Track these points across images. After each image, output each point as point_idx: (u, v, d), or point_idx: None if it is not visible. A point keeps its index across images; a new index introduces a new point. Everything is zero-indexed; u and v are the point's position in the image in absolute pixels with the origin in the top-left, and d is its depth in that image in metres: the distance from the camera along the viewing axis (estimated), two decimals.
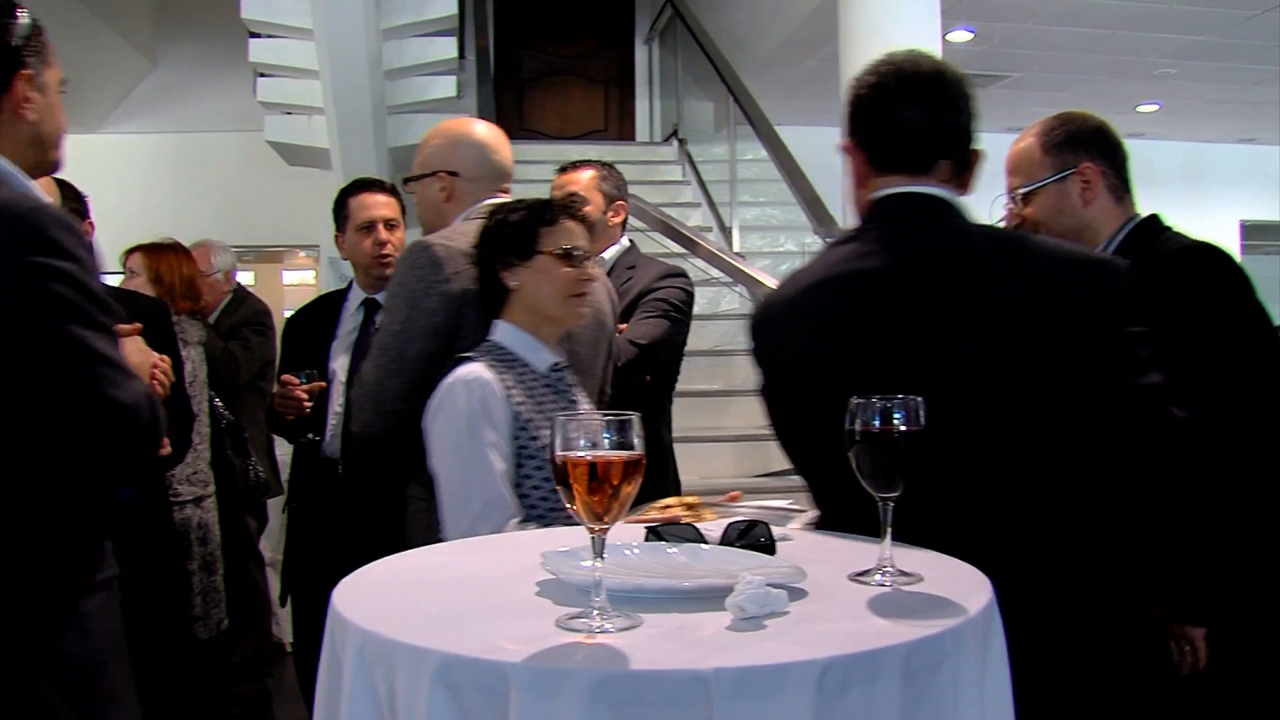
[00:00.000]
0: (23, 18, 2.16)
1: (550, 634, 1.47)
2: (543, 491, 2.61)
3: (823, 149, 8.01)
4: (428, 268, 2.80)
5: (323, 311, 4.22)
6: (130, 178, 10.26)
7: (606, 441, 1.51)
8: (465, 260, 2.80)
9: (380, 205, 3.96)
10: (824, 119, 9.16)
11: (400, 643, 1.44)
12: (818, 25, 8.78)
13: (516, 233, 2.73)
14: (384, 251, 3.98)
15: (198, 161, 10.70)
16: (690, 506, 2.45)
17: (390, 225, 3.96)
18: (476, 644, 1.41)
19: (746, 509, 2.50)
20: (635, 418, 1.53)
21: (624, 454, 1.51)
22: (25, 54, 2.15)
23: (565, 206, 2.79)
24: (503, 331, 2.76)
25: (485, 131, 3.13)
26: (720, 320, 7.20)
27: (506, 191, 3.09)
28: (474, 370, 2.62)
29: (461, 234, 2.88)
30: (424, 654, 1.40)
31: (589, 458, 1.50)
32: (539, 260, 2.72)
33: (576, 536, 1.77)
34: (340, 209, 4.03)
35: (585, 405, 2.83)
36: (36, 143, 2.17)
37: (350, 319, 4.11)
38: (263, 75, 8.39)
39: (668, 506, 2.45)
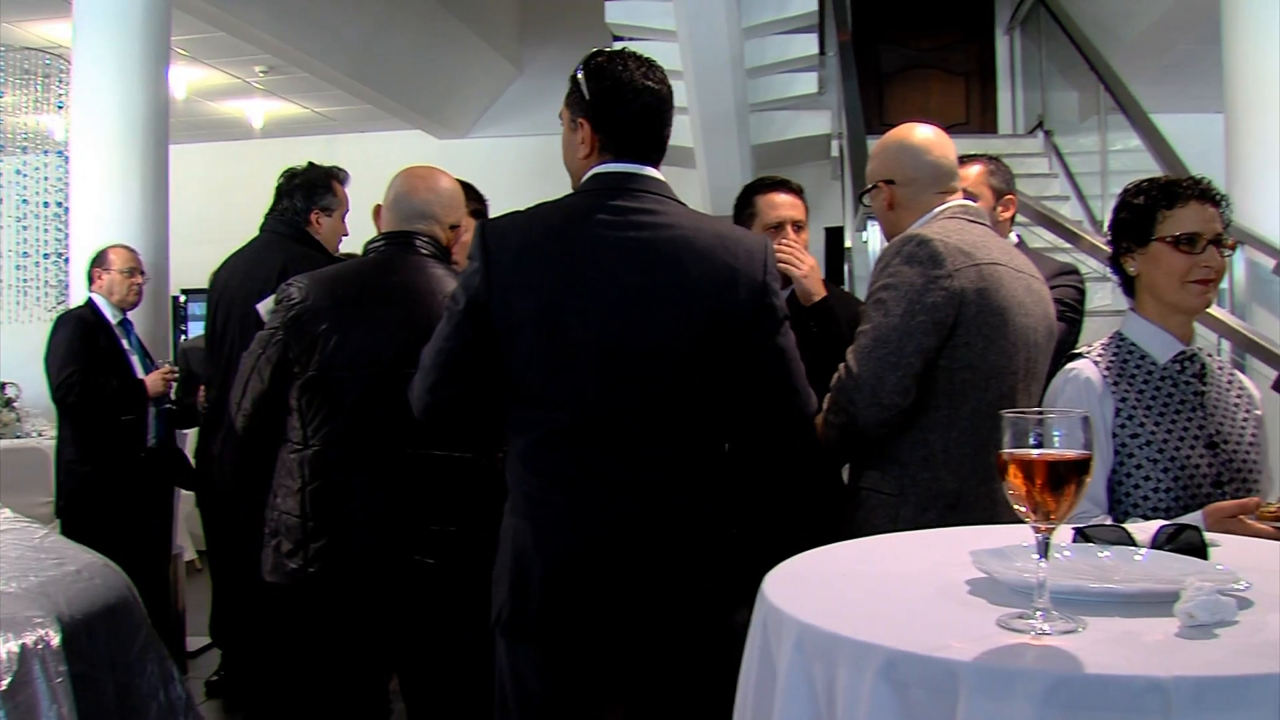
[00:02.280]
0: None
1: (992, 634, 1.45)
2: (1143, 491, 2.62)
3: (1198, 137, 7.69)
4: (928, 262, 2.76)
5: None
6: (499, 179, 10.63)
7: (1057, 439, 1.48)
8: (964, 257, 2.77)
9: (789, 206, 3.82)
10: (1197, 105, 8.73)
11: (842, 637, 1.44)
12: (1193, 5, 8.37)
13: (1135, 217, 2.75)
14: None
15: (559, 161, 11.03)
16: None
17: (798, 227, 3.81)
18: (922, 641, 1.40)
19: None
20: (1088, 417, 1.49)
21: (1075, 453, 1.48)
22: None
23: (1189, 187, 2.74)
24: (1130, 322, 2.79)
25: (920, 134, 3.08)
26: (1095, 317, 6.95)
27: (955, 191, 3.04)
28: (1076, 367, 2.73)
29: (955, 230, 2.85)
30: (868, 649, 1.40)
31: (1041, 455, 1.48)
32: (1153, 247, 2.71)
33: (992, 536, 1.74)
34: (745, 206, 3.90)
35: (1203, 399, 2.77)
36: None
37: None
38: None
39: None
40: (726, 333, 2.49)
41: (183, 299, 10.29)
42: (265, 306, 3.47)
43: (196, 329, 11.62)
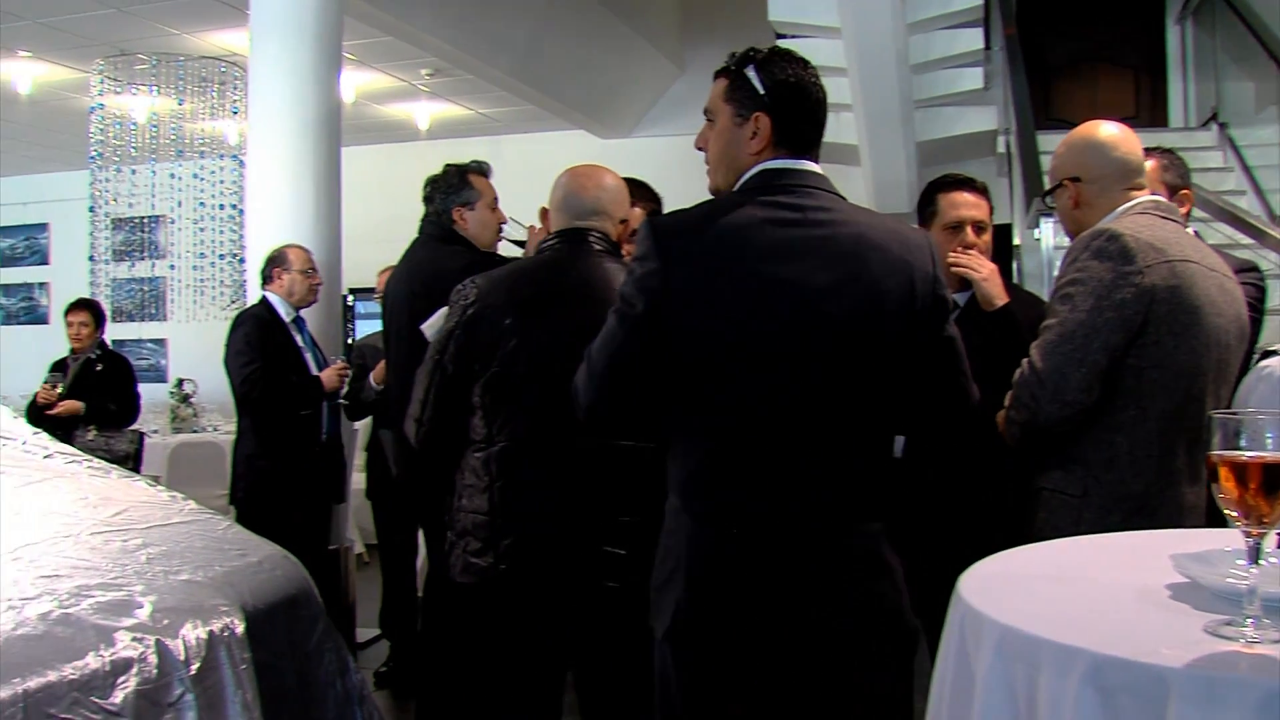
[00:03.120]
0: None
1: (1201, 640, 1.42)
2: None
3: None
4: (1118, 258, 2.73)
5: None
6: (661, 179, 10.66)
7: (1270, 441, 1.44)
8: (1155, 253, 2.73)
9: (970, 205, 3.74)
10: None
11: (1046, 640, 1.42)
12: None
13: None
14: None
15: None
16: None
17: (979, 228, 3.72)
18: (1129, 646, 1.38)
19: None
20: None
21: None
22: None
23: None
24: None
25: (1106, 130, 3.04)
26: (1275, 315, 6.73)
27: (1142, 188, 2.99)
28: (1270, 365, 2.76)
29: (1145, 226, 2.81)
30: (1073, 653, 1.38)
31: (1255, 458, 1.44)
32: None
33: (1190, 540, 1.70)
34: (928, 204, 3.83)
35: None
36: None
37: None
38: None
39: None
40: (905, 327, 2.46)
41: (350, 299, 10.51)
42: (429, 326, 3.53)
43: (363, 327, 11.90)
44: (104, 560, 2.94)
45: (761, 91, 2.54)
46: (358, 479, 6.55)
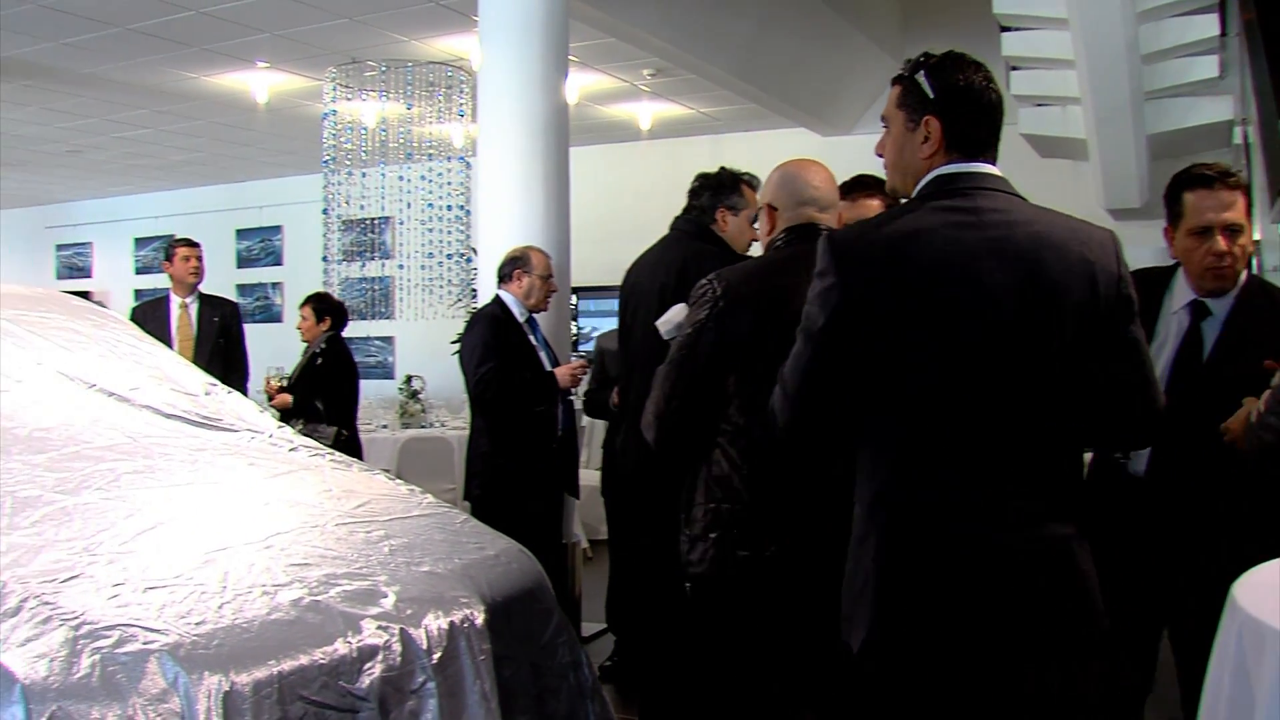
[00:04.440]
0: None
1: None
2: None
3: None
4: None
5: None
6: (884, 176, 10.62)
7: None
8: None
9: (1223, 206, 3.43)
10: None
11: None
12: None
13: None
14: (1222, 263, 3.44)
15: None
16: None
17: (1233, 231, 3.43)
18: None
19: None
20: None
21: None
22: None
23: None
24: None
25: None
26: None
27: None
28: None
29: None
30: None
31: None
32: None
33: None
34: (1174, 202, 3.55)
35: None
36: None
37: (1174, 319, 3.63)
38: (1015, 69, 8.39)
39: None
40: (1086, 327, 2.42)
41: (573, 298, 10.66)
42: (665, 323, 3.55)
43: (586, 325, 12.07)
44: (349, 550, 3.04)
45: (931, 96, 2.55)
46: (586, 475, 6.64)
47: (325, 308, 7.62)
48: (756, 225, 4.26)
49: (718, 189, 4.70)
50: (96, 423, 3.56)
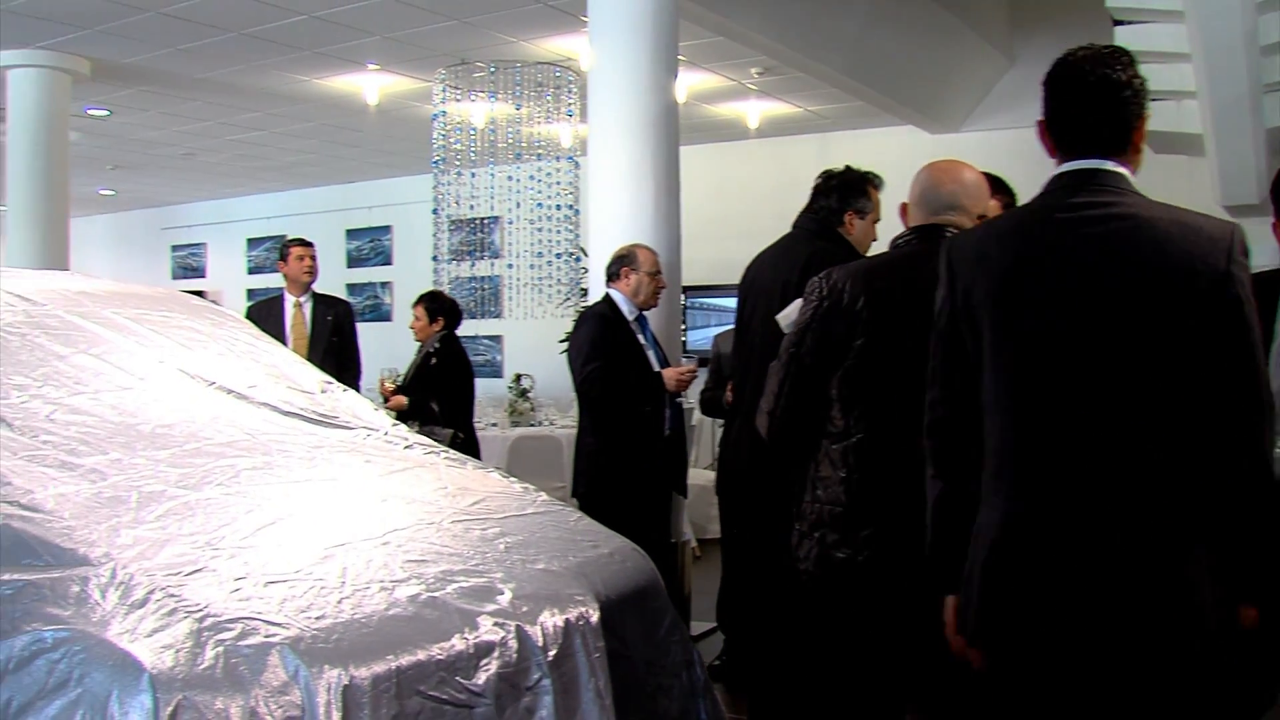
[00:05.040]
0: None
1: None
2: None
3: None
4: None
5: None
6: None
7: None
8: None
9: None
10: None
11: None
12: None
13: None
14: None
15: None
16: None
17: None
18: None
19: None
20: None
21: None
22: None
23: None
24: None
25: None
26: None
27: None
28: None
29: None
30: None
31: None
32: None
33: None
34: None
35: None
36: None
37: None
38: None
39: None
40: (1185, 325, 2.38)
41: (682, 298, 10.67)
42: (785, 317, 3.54)
43: (696, 320, 12.06)
44: (465, 547, 3.06)
45: (1045, 98, 2.55)
46: (695, 473, 6.63)
47: (438, 307, 7.61)
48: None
49: (847, 190, 4.68)
50: (216, 419, 3.62)
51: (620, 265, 5.86)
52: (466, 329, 7.71)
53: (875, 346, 3.16)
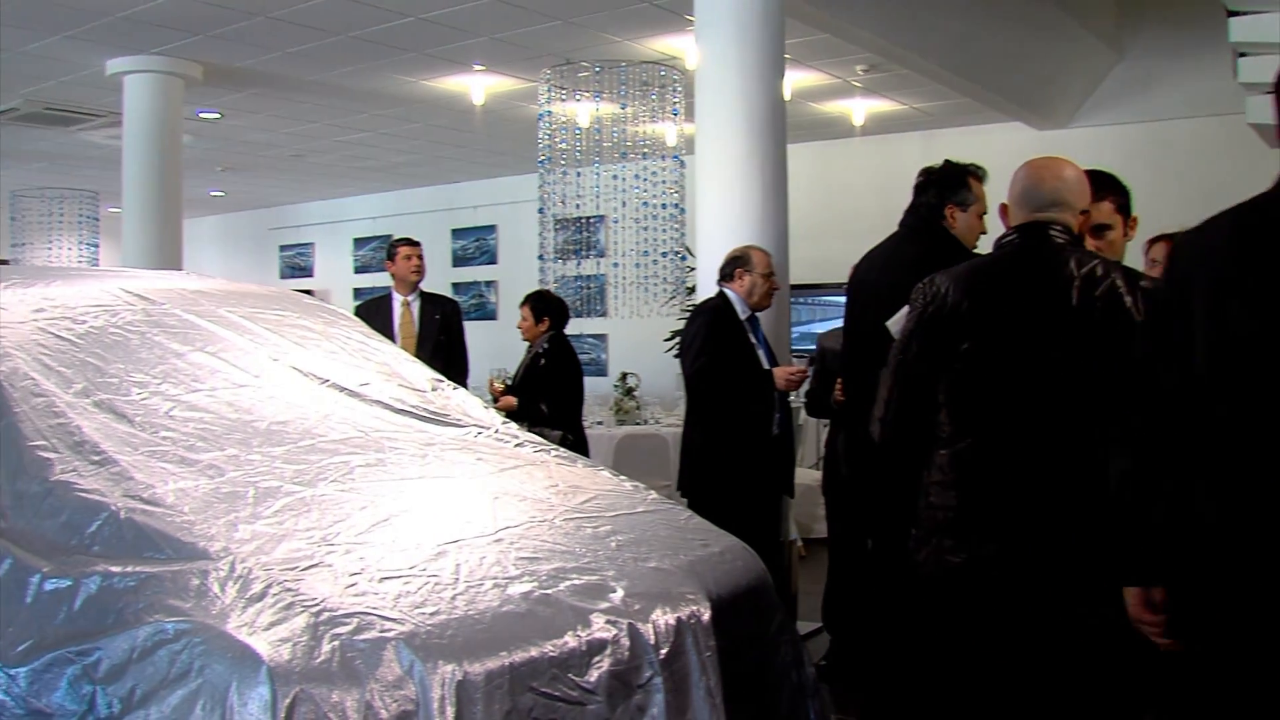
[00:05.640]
0: None
1: None
2: None
3: None
4: None
5: None
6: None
7: None
8: None
9: None
10: None
11: None
12: None
13: None
14: None
15: (1166, 150, 10.58)
16: None
17: None
18: None
19: None
20: None
21: None
22: None
23: None
24: None
25: None
26: None
27: None
28: None
29: None
30: None
31: None
32: None
33: None
34: None
35: None
36: None
37: None
38: (1243, 55, 8.04)
39: None
40: None
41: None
42: (894, 323, 3.51)
43: (802, 316, 11.99)
44: (577, 545, 3.07)
45: None
46: (800, 473, 6.59)
47: (544, 307, 7.60)
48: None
49: (945, 184, 4.62)
50: (329, 417, 3.67)
51: (734, 266, 5.83)
52: (572, 327, 7.72)
53: (981, 350, 3.11)
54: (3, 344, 3.40)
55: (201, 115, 11.72)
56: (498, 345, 9.97)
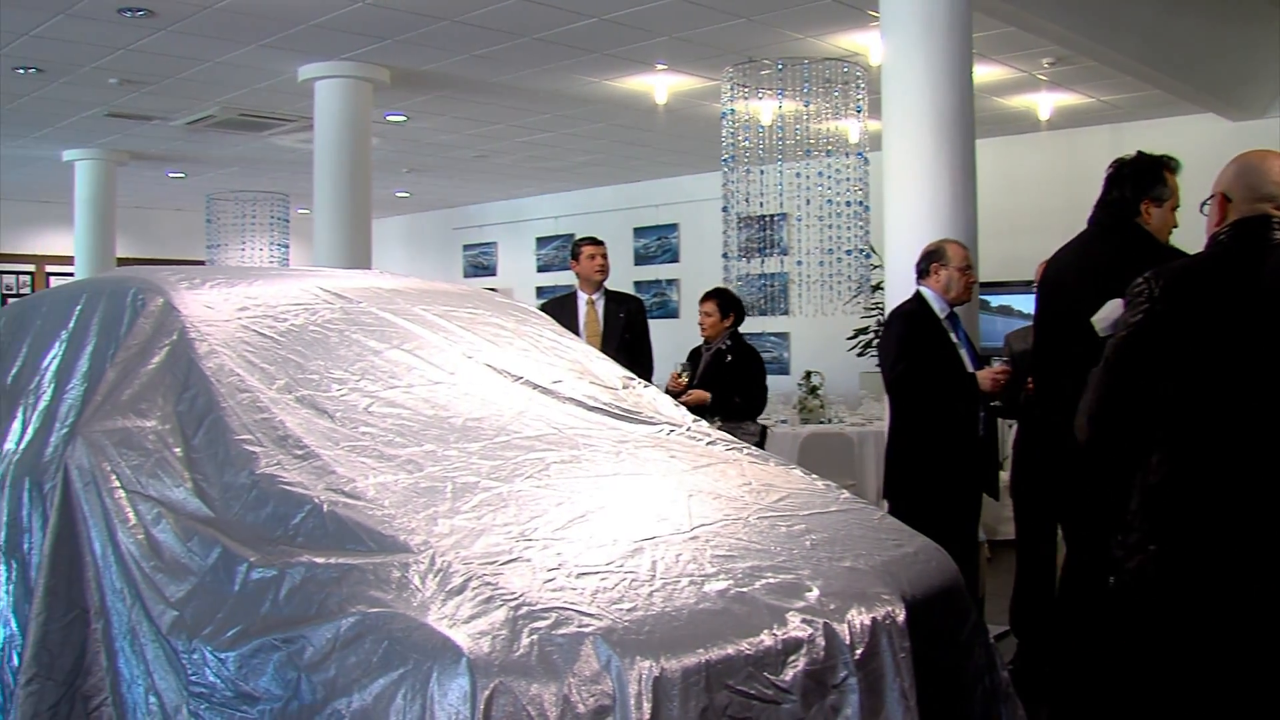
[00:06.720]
0: None
1: None
2: None
3: None
4: None
5: None
6: None
7: None
8: None
9: None
10: None
11: None
12: None
13: None
14: None
15: None
16: None
17: None
18: None
19: None
20: None
21: None
22: None
23: None
24: None
25: None
26: None
27: None
28: None
29: None
30: None
31: None
32: None
33: None
34: None
35: None
36: None
37: None
38: None
39: None
40: None
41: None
42: (1100, 320, 3.42)
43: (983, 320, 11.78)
44: (772, 544, 3.07)
45: None
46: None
47: (730, 303, 7.63)
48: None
49: (1140, 179, 4.46)
50: (523, 414, 3.72)
51: (930, 261, 5.72)
52: (754, 326, 7.71)
53: (1195, 352, 3.00)
54: (210, 341, 3.53)
55: (389, 118, 12.00)
56: (679, 343, 10.00)
